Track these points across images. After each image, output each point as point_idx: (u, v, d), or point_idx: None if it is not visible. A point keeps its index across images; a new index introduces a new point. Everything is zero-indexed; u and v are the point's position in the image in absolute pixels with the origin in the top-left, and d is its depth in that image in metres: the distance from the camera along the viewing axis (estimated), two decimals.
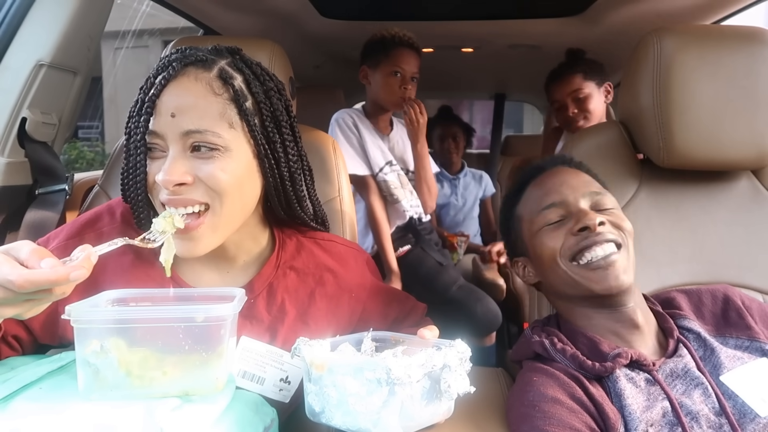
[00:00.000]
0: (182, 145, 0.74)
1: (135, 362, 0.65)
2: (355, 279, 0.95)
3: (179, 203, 0.74)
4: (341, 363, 0.70)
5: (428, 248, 1.94)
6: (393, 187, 1.84)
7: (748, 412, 0.75)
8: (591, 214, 0.84)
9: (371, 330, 0.84)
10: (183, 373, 0.67)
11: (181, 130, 0.73)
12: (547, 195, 0.90)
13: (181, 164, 0.73)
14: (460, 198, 2.77)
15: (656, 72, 1.05)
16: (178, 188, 0.73)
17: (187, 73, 0.75)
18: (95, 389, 0.66)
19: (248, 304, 0.84)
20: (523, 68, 2.81)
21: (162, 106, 0.74)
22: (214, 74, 0.76)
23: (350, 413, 0.69)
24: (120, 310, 0.70)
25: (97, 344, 0.65)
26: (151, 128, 0.74)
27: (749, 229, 1.09)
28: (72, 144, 7.67)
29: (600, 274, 0.82)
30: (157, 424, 0.62)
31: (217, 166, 0.74)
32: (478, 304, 1.80)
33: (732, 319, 0.89)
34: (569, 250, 0.84)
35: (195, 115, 0.73)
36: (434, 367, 0.70)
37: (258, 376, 0.84)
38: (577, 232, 0.84)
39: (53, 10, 1.16)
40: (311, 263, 0.92)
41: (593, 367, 0.80)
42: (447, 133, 2.82)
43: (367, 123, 1.87)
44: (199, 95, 0.74)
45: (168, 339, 0.66)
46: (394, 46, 1.81)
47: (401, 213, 1.87)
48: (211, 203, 0.76)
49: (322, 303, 0.90)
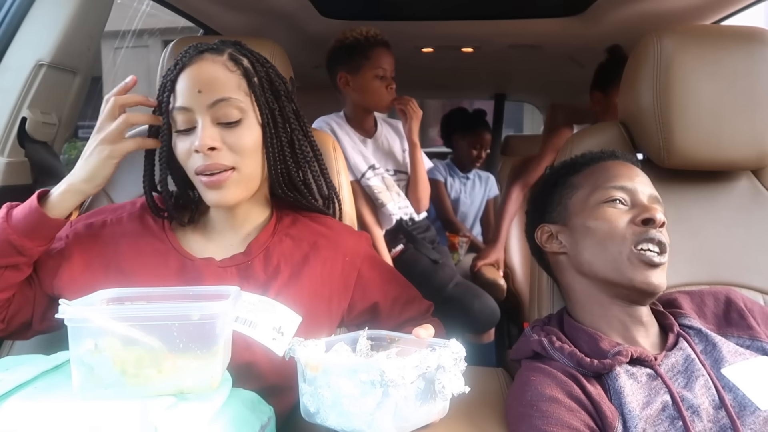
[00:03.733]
0: (210, 116, 0.87)
1: (130, 361, 0.66)
2: (349, 245, 1.00)
3: (212, 167, 0.86)
4: (335, 364, 0.71)
5: (421, 247, 1.92)
6: (377, 192, 1.82)
7: (748, 405, 0.75)
8: (657, 212, 0.85)
9: (366, 329, 0.85)
10: (178, 372, 0.67)
11: (208, 102, 0.86)
12: (618, 177, 0.90)
13: (212, 131, 0.86)
14: (469, 197, 2.79)
15: (656, 72, 1.04)
16: (211, 152, 0.86)
17: (204, 58, 0.89)
18: (90, 388, 0.66)
19: (245, 265, 0.93)
20: (523, 68, 2.82)
21: (186, 85, 0.87)
22: (225, 57, 0.90)
23: (344, 414, 0.69)
24: (114, 309, 0.70)
25: (91, 343, 0.65)
26: (180, 105, 0.87)
27: (749, 229, 1.09)
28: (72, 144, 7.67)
29: (648, 270, 0.82)
30: (152, 423, 0.61)
31: (239, 133, 0.88)
32: (475, 301, 1.79)
33: (734, 319, 0.89)
34: (634, 236, 0.84)
35: (219, 87, 0.87)
36: (428, 368, 0.70)
37: (250, 320, 0.86)
38: (640, 222, 0.84)
39: (53, 10, 1.17)
40: (306, 231, 1.00)
41: (591, 365, 0.80)
42: (477, 141, 2.80)
43: (347, 128, 1.84)
44: (219, 72, 0.88)
45: (163, 338, 0.66)
46: (371, 47, 1.76)
47: (388, 217, 1.85)
48: (236, 165, 0.88)
49: (316, 264, 0.95)
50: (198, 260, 0.92)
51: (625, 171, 0.91)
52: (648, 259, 0.82)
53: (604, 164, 0.93)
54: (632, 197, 0.88)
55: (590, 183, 0.91)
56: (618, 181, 0.89)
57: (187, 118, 0.87)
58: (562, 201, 0.94)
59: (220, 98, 0.86)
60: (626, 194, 0.88)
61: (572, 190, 0.93)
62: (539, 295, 1.09)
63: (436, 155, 3.31)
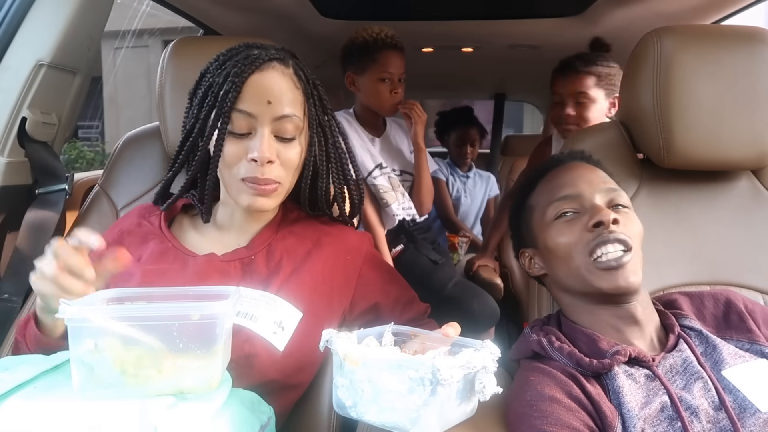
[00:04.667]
0: (271, 128, 0.87)
1: (130, 361, 0.65)
2: (351, 243, 1.01)
3: (261, 181, 0.87)
4: (377, 358, 0.70)
5: (421, 247, 1.92)
6: (383, 191, 1.82)
7: (748, 406, 0.75)
8: (606, 211, 0.83)
9: (392, 324, 0.85)
10: (178, 372, 0.67)
11: (276, 115, 0.87)
12: (562, 187, 0.89)
13: (272, 144, 0.87)
14: (470, 196, 2.79)
15: (656, 72, 1.04)
16: (268, 165, 0.86)
17: (273, 67, 0.88)
18: (90, 388, 0.65)
19: (248, 259, 0.93)
20: (523, 68, 2.82)
21: (256, 92, 0.86)
22: (292, 71, 0.91)
23: (387, 410, 0.68)
24: (114, 308, 0.70)
25: (91, 343, 0.65)
26: (245, 109, 0.86)
27: (749, 229, 1.09)
28: (72, 144, 7.67)
29: (611, 274, 0.81)
30: (152, 423, 0.61)
31: (294, 150, 0.90)
32: (474, 300, 1.79)
33: (733, 322, 0.89)
34: (587, 246, 0.83)
35: (286, 103, 0.88)
36: (474, 368, 0.70)
37: (251, 314, 0.86)
38: (591, 228, 0.83)
39: (53, 10, 1.16)
40: (309, 228, 1.00)
41: (591, 365, 0.79)
42: (466, 136, 2.81)
43: (356, 126, 1.84)
44: (289, 87, 0.89)
45: (163, 337, 0.66)
46: (379, 49, 1.73)
47: (391, 217, 1.85)
48: (281, 181, 0.89)
49: (318, 261, 0.96)
50: (200, 257, 0.93)
51: (568, 177, 0.90)
52: (606, 265, 0.81)
53: (550, 175, 0.93)
54: (580, 202, 0.86)
55: (541, 201, 0.91)
56: (561, 191, 0.88)
57: (247, 124, 0.87)
58: (527, 224, 0.94)
59: (285, 114, 0.87)
60: (573, 202, 0.87)
61: (530, 212, 0.93)
62: (538, 295, 1.09)
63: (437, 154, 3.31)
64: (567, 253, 0.85)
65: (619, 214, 0.85)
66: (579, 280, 0.84)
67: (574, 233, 0.84)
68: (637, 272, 0.82)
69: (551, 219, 0.88)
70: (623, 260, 0.81)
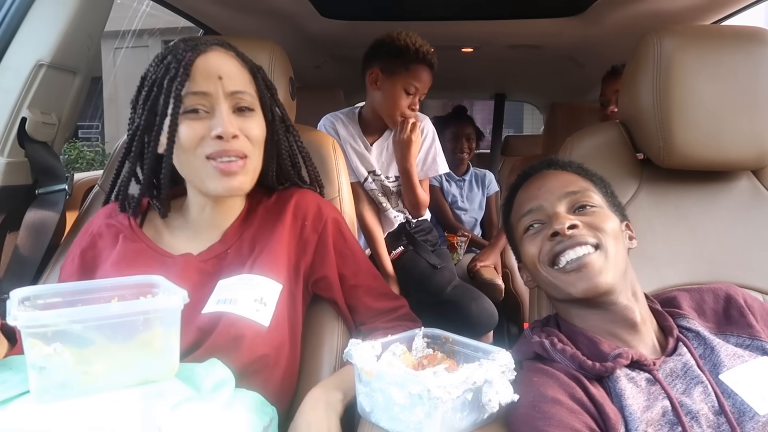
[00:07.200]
0: (229, 104, 0.88)
1: (87, 360, 0.67)
2: (311, 209, 1.02)
3: (230, 153, 0.87)
4: (387, 373, 0.76)
5: (421, 250, 1.91)
6: (379, 194, 1.83)
7: (747, 410, 0.75)
8: (561, 218, 0.84)
9: (422, 328, 0.90)
10: (137, 364, 0.70)
11: (229, 90, 0.88)
12: (526, 201, 0.91)
13: (233, 119, 0.88)
14: (467, 201, 2.76)
15: (656, 72, 1.05)
16: (234, 140, 0.86)
17: (215, 50, 0.90)
18: (48, 390, 0.65)
19: (224, 254, 0.95)
20: (523, 68, 2.82)
21: (205, 71, 0.87)
22: (234, 53, 0.93)
23: (395, 419, 0.76)
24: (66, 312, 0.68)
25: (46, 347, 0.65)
26: (197, 89, 0.86)
27: (749, 229, 1.09)
28: (72, 144, 7.68)
29: (575, 276, 0.82)
30: (156, 423, 0.62)
31: (254, 123, 0.91)
32: (473, 304, 1.77)
33: (733, 317, 0.88)
34: (546, 255, 0.85)
35: (238, 79, 0.90)
36: (475, 383, 0.74)
37: (230, 299, 0.88)
38: (551, 237, 0.84)
39: (53, 10, 1.16)
40: (275, 207, 1.02)
41: (593, 367, 0.79)
42: (460, 134, 2.76)
43: (353, 130, 1.79)
44: (236, 65, 0.92)
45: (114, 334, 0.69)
46: (416, 60, 1.67)
47: (390, 220, 1.85)
48: (248, 155, 0.90)
49: (284, 230, 0.98)
50: (177, 257, 0.93)
51: (532, 189, 0.92)
52: (569, 267, 0.82)
53: (521, 189, 0.95)
54: (543, 212, 0.88)
55: (513, 218, 0.95)
56: (524, 206, 0.91)
57: (203, 103, 0.87)
58: (512, 241, 0.97)
59: (240, 90, 0.89)
60: (536, 214, 0.89)
61: (512, 230, 0.96)
62: (539, 295, 1.09)
63: None
64: (534, 265, 0.88)
65: (584, 215, 0.85)
66: (553, 289, 0.86)
67: (536, 245, 0.87)
68: (604, 271, 0.81)
69: (521, 234, 0.91)
70: (584, 260, 0.81)
